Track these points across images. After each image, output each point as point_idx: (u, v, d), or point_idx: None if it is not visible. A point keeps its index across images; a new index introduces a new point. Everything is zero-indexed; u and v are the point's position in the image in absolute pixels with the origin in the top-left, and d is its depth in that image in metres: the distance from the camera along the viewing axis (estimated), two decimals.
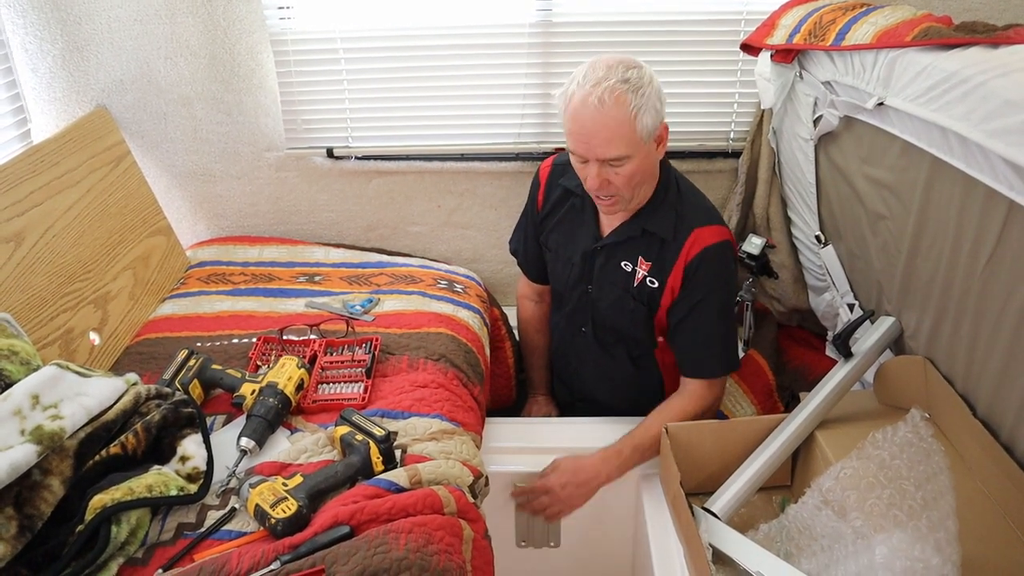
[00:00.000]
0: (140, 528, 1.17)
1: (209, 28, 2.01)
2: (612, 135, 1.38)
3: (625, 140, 1.39)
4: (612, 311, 1.63)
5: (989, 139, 1.04)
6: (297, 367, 1.47)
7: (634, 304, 1.60)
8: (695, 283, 1.53)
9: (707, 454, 1.47)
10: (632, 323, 1.63)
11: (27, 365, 1.30)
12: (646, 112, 1.39)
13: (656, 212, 1.55)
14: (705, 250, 1.51)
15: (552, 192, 1.69)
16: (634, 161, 1.42)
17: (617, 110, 1.37)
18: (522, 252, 1.84)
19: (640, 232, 1.56)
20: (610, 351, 1.70)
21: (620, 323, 1.64)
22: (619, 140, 1.39)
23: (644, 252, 1.57)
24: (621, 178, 1.44)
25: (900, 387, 1.45)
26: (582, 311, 1.70)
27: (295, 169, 2.23)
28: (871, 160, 1.48)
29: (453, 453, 1.35)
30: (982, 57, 1.12)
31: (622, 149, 1.40)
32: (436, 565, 1.07)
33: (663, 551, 1.39)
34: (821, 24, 1.53)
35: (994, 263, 1.16)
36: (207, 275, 2.04)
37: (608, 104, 1.36)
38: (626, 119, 1.37)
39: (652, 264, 1.56)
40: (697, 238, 1.51)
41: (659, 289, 1.56)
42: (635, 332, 1.64)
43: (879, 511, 1.19)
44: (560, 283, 1.74)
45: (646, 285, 1.57)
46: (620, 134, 1.38)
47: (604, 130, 1.38)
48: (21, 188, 1.63)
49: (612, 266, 1.61)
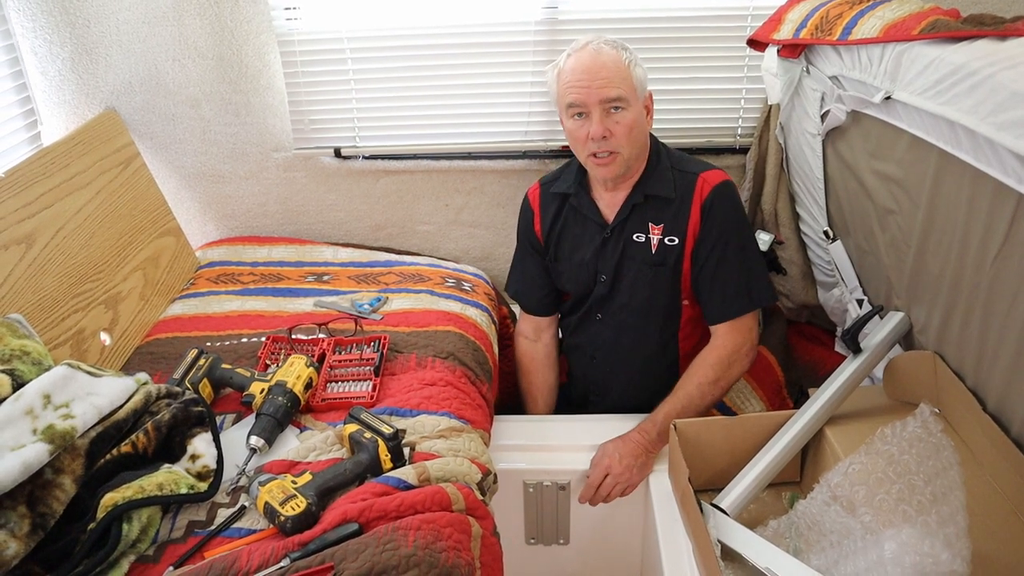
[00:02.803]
0: (151, 526, 1.17)
1: (216, 29, 2.01)
2: (611, 75, 1.48)
3: (623, 81, 1.49)
4: (634, 288, 1.65)
5: (998, 132, 1.03)
6: (306, 366, 1.48)
7: (654, 272, 1.62)
8: (713, 220, 1.57)
9: (716, 450, 1.47)
10: (655, 293, 1.64)
11: (39, 365, 1.31)
12: (636, 66, 1.52)
13: (652, 176, 1.60)
14: (716, 188, 1.58)
15: (548, 209, 1.73)
16: (632, 110, 1.50)
17: (613, 55, 1.50)
18: (523, 290, 1.84)
19: (643, 199, 1.60)
20: (630, 332, 1.71)
21: (643, 297, 1.65)
22: (619, 80, 1.49)
23: (653, 217, 1.60)
24: (622, 127, 1.50)
25: (910, 382, 1.45)
26: (598, 300, 1.71)
27: (303, 169, 2.24)
28: (879, 155, 1.47)
29: (461, 450, 1.35)
30: (990, 49, 1.11)
31: (622, 88, 1.49)
32: (445, 562, 1.07)
33: (672, 547, 1.39)
34: (828, 19, 1.53)
35: (1004, 257, 1.15)
36: (216, 275, 2.05)
37: (604, 51, 1.50)
38: (622, 64, 1.50)
39: (664, 225, 1.59)
40: (705, 180, 1.59)
41: (680, 244, 1.59)
42: (659, 302, 1.66)
43: (888, 506, 1.18)
44: (578, 286, 1.73)
45: (664, 245, 1.60)
46: (619, 75, 1.49)
47: (603, 70, 1.48)
48: (32, 190, 1.64)
49: (626, 242, 1.63)
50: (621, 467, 1.53)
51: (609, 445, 1.57)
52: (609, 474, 1.54)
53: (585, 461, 1.60)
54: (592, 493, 1.56)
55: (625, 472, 1.53)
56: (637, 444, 1.55)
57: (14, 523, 1.05)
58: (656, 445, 1.56)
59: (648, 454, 1.55)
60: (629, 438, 1.56)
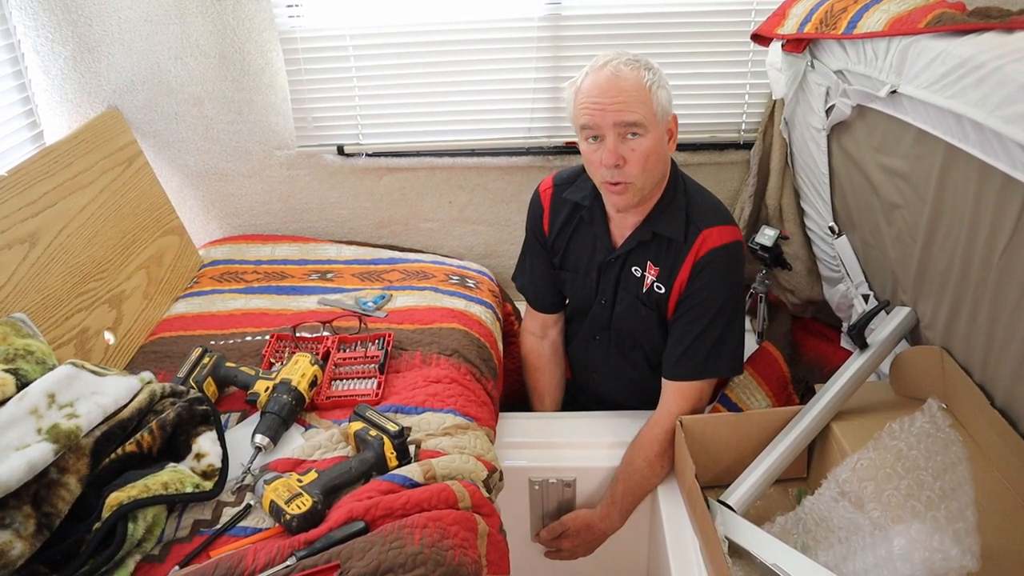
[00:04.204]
0: (156, 525, 1.17)
1: (219, 27, 2.01)
2: (629, 98, 1.37)
3: (642, 105, 1.38)
4: (627, 317, 1.62)
5: (1006, 125, 1.03)
6: (310, 364, 1.48)
7: (645, 311, 1.58)
8: (699, 283, 1.49)
9: (722, 447, 1.47)
10: (646, 329, 1.61)
11: (43, 364, 1.31)
12: (660, 88, 1.40)
13: (665, 214, 1.51)
14: (712, 252, 1.47)
15: (558, 212, 1.66)
16: (649, 137, 1.39)
17: (634, 76, 1.38)
18: (530, 285, 1.78)
19: (651, 236, 1.53)
20: (627, 356, 1.69)
21: (636, 329, 1.63)
22: (636, 104, 1.37)
23: (653, 257, 1.54)
24: (637, 155, 1.39)
25: (917, 377, 1.44)
26: (597, 320, 1.69)
27: (306, 167, 2.23)
28: (885, 149, 1.46)
29: (467, 448, 1.35)
30: (997, 42, 1.10)
31: (639, 113, 1.37)
32: (451, 560, 1.07)
33: (679, 544, 1.39)
34: (832, 12, 1.52)
35: (1011, 251, 1.14)
36: (220, 274, 2.05)
37: (624, 72, 1.38)
38: (642, 86, 1.38)
39: (660, 270, 1.53)
40: (706, 239, 1.48)
41: (666, 295, 1.54)
42: (651, 337, 1.62)
43: (897, 502, 1.18)
44: (579, 299, 1.71)
45: (654, 291, 1.55)
46: (638, 98, 1.37)
47: (621, 93, 1.37)
48: (35, 189, 1.64)
49: (626, 273, 1.59)
50: (577, 550, 1.63)
51: (577, 523, 1.60)
52: (564, 551, 1.64)
53: (591, 458, 1.60)
54: (548, 539, 1.65)
55: (580, 549, 1.62)
56: (602, 535, 1.59)
57: (19, 523, 1.05)
58: (618, 524, 1.58)
59: (608, 535, 1.59)
60: (594, 523, 1.58)
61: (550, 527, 1.64)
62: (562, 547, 1.63)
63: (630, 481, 1.53)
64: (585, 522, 1.58)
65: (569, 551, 1.62)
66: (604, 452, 1.60)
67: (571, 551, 1.62)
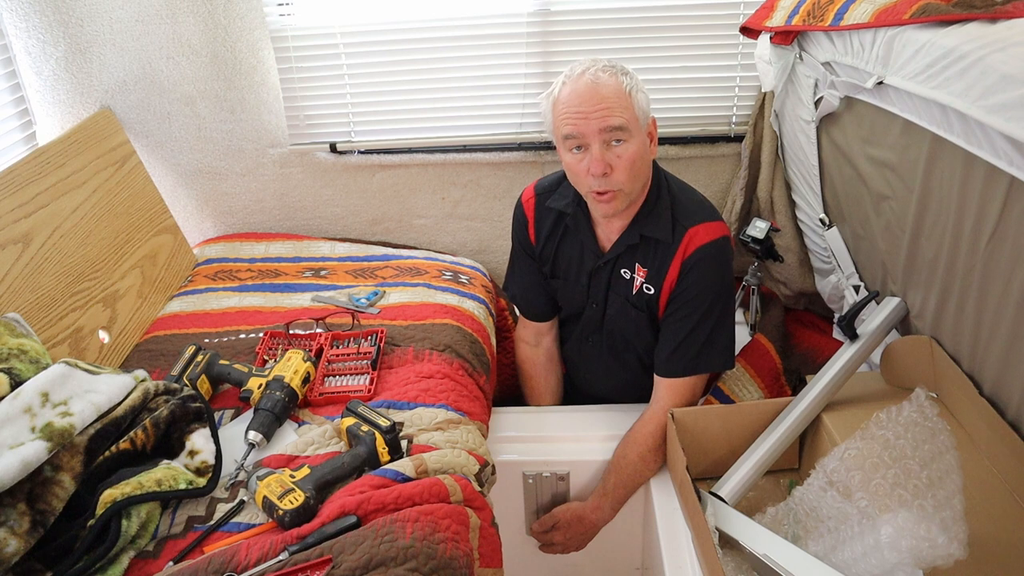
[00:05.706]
0: (150, 522, 1.18)
1: (210, 27, 2.01)
2: (611, 104, 1.35)
3: (625, 109, 1.36)
4: (618, 320, 1.62)
5: (988, 115, 1.03)
6: (303, 360, 1.48)
7: (636, 312, 1.58)
8: (689, 281, 1.49)
9: (714, 438, 1.47)
10: (638, 330, 1.61)
11: (36, 363, 1.31)
12: (639, 91, 1.39)
13: (651, 216, 1.50)
14: (700, 249, 1.47)
15: (543, 221, 1.64)
16: (634, 142, 1.38)
17: (613, 82, 1.36)
18: (521, 295, 1.78)
19: (638, 239, 1.52)
20: (619, 357, 1.69)
21: (627, 331, 1.63)
22: (619, 108, 1.35)
23: (641, 258, 1.54)
24: (623, 161, 1.38)
25: (907, 367, 1.45)
26: (589, 323, 1.69)
27: (299, 165, 2.24)
28: (872, 140, 1.47)
29: (459, 442, 1.35)
30: (980, 32, 1.11)
31: (623, 117, 1.36)
32: (443, 553, 1.08)
33: (671, 536, 1.39)
34: (820, 5, 1.52)
35: (997, 240, 1.15)
36: (214, 272, 2.06)
37: (603, 78, 1.36)
38: (623, 91, 1.36)
39: (648, 271, 1.53)
40: (692, 237, 1.47)
41: (656, 295, 1.54)
42: (643, 337, 1.62)
43: (884, 491, 1.18)
44: (571, 304, 1.71)
45: (643, 292, 1.55)
46: (619, 103, 1.36)
47: (603, 100, 1.35)
48: (28, 190, 1.64)
49: (615, 276, 1.59)
50: (569, 543, 1.62)
51: (568, 515, 1.61)
52: (556, 544, 1.63)
53: (584, 451, 1.61)
54: (540, 532, 1.66)
55: (572, 542, 1.62)
56: (593, 527, 1.59)
57: (14, 520, 1.06)
58: (609, 516, 1.58)
59: (600, 527, 1.60)
60: (585, 514, 1.58)
61: (541, 520, 1.65)
62: (554, 540, 1.63)
63: (622, 474, 1.54)
64: (576, 514, 1.59)
65: (561, 544, 1.63)
66: (597, 446, 1.61)
67: (563, 544, 1.63)
